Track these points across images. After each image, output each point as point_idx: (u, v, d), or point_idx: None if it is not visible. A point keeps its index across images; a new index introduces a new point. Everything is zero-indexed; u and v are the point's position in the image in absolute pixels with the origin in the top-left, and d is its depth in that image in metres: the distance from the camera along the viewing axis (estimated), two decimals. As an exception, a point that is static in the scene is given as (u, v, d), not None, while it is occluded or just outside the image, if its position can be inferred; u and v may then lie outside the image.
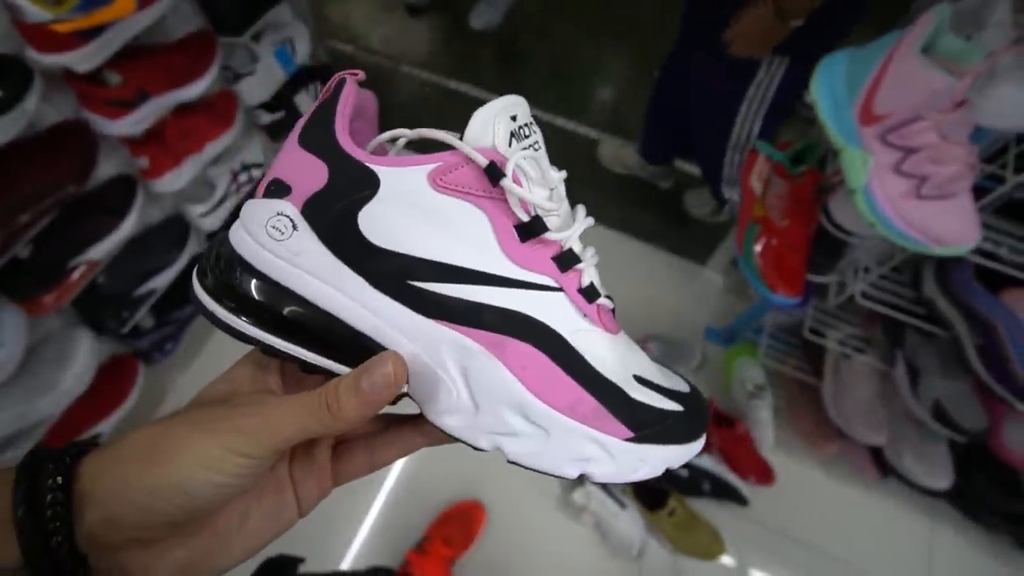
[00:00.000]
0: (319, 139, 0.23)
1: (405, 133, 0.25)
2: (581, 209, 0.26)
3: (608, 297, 0.26)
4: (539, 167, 0.23)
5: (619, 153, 1.39)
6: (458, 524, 0.95)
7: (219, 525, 0.22)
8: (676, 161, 1.37)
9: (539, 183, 0.23)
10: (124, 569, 0.20)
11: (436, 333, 0.23)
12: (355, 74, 0.25)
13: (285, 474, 0.24)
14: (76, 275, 0.78)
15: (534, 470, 0.24)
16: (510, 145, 0.23)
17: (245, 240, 0.24)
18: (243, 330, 0.23)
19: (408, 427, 0.26)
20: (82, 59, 0.67)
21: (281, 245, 0.23)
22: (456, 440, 0.24)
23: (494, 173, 0.22)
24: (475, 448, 0.24)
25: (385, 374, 0.22)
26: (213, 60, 0.85)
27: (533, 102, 0.25)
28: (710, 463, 1.00)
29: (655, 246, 1.29)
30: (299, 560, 0.76)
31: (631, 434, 0.23)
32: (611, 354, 0.24)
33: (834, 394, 0.95)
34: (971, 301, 0.71)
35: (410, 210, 0.22)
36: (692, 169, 1.44)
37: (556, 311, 0.24)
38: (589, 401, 0.23)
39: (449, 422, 0.24)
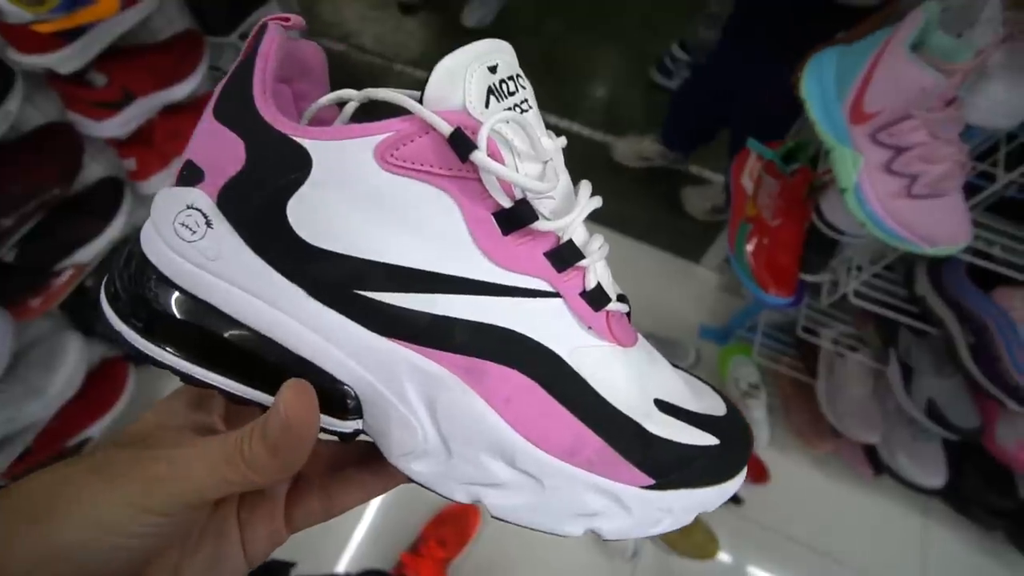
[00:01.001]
0: (235, 108, 0.18)
1: (352, 95, 0.20)
2: (585, 187, 0.20)
3: (622, 298, 0.21)
4: (527, 134, 0.18)
5: (638, 146, 1.39)
6: (453, 525, 0.95)
7: None
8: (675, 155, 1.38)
9: (528, 156, 0.18)
10: None
11: (392, 355, 0.18)
12: (285, 19, 0.20)
13: (232, 518, 0.20)
14: (63, 278, 0.77)
15: (526, 528, 0.19)
16: (487, 106, 0.17)
17: (153, 240, 0.19)
18: (151, 354, 0.19)
19: (371, 469, 0.22)
20: (65, 60, 0.66)
21: (192, 247, 0.18)
22: (424, 487, 0.20)
23: (462, 144, 0.16)
24: (450, 500, 0.19)
25: (276, 415, 0.17)
26: (200, 60, 0.84)
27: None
28: (704, 462, 0.99)
29: (648, 244, 1.29)
30: (290, 565, 0.76)
31: (650, 481, 0.19)
32: (625, 375, 0.19)
33: (828, 392, 0.95)
34: (963, 299, 0.70)
35: (352, 197, 0.17)
36: (690, 167, 1.43)
37: (551, 324, 0.19)
38: (594, 442, 0.18)
39: (416, 468, 0.19)
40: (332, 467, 0.22)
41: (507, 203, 0.18)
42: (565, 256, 0.19)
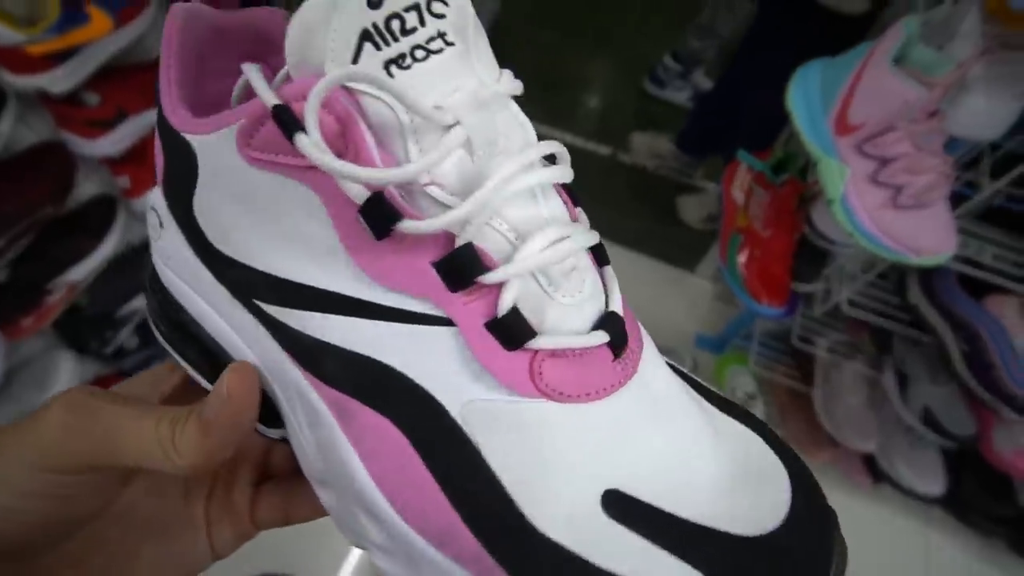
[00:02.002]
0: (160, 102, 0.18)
1: (245, 69, 0.16)
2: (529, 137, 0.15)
3: (611, 319, 0.15)
4: (397, 96, 0.12)
5: (654, 143, 1.41)
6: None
7: (90, 566, 0.17)
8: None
9: (419, 128, 0.13)
10: None
11: (289, 374, 0.16)
12: None
13: (199, 512, 0.21)
14: (55, 297, 0.77)
15: None
16: (356, 59, 0.12)
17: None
18: (153, 329, 0.21)
19: None
20: (57, 80, 0.67)
21: (157, 245, 0.19)
22: None
23: (286, 123, 0.13)
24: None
25: (218, 392, 0.16)
26: (193, 78, 0.85)
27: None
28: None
29: (642, 253, 1.29)
30: (285, 580, 0.75)
31: None
32: (553, 450, 0.13)
33: (825, 401, 0.94)
34: (954, 308, 0.70)
35: (228, 196, 0.16)
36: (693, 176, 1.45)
37: (436, 363, 0.13)
38: (469, 543, 0.12)
39: (321, 494, 0.16)
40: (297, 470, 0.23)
41: (359, 196, 0.13)
42: (462, 267, 0.13)
